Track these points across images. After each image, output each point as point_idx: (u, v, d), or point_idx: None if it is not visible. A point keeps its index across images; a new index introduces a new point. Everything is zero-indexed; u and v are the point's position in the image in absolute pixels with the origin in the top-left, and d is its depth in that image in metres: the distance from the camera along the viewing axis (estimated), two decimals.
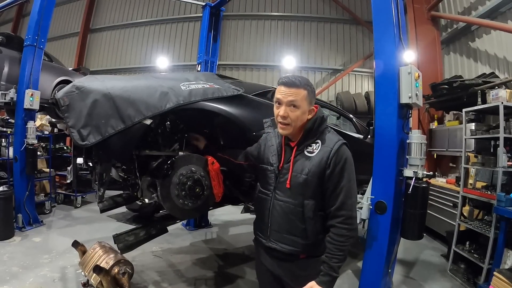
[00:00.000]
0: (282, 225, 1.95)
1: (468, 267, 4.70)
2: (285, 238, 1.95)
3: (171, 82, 3.20)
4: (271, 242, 2.00)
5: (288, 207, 1.93)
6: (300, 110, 1.89)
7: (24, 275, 4.25)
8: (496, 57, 7.29)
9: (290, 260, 1.99)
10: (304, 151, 1.94)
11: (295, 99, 1.87)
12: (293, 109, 1.88)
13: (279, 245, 1.97)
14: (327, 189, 1.88)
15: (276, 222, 1.98)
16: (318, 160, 1.87)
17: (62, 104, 2.75)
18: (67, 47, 16.27)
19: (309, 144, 1.95)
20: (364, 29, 13.46)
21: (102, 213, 4.15)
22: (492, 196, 4.37)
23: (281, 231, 1.96)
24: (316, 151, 1.91)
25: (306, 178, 1.88)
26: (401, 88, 3.17)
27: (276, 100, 1.94)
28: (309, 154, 1.92)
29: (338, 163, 1.85)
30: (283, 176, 1.95)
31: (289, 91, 1.88)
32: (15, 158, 6.18)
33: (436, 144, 7.96)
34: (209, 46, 7.33)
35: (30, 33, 6.27)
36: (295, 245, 1.94)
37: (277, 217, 1.97)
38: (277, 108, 1.93)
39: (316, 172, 1.86)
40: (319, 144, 1.93)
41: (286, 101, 1.88)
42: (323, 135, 1.96)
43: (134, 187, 3.54)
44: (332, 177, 1.85)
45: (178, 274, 4.64)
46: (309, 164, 1.89)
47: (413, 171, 3.11)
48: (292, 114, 1.88)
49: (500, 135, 4.30)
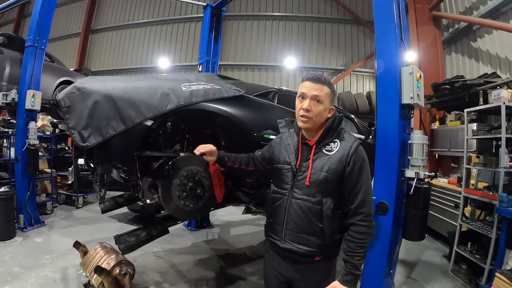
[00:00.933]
0: (299, 224, 1.93)
1: (469, 268, 4.68)
2: (302, 238, 1.93)
3: (172, 83, 3.20)
4: (286, 242, 1.97)
5: (306, 205, 1.92)
6: (323, 106, 1.95)
7: (26, 276, 4.25)
8: (498, 57, 7.27)
9: (305, 262, 1.97)
10: (322, 149, 1.97)
11: (320, 94, 1.93)
12: (317, 104, 1.93)
13: (294, 246, 1.94)
14: (346, 187, 1.91)
15: (292, 221, 1.95)
16: (338, 158, 1.90)
17: (63, 105, 2.76)
18: (69, 47, 16.30)
19: (327, 143, 1.98)
20: (365, 29, 13.44)
21: (103, 214, 4.16)
22: (494, 196, 4.35)
23: (297, 230, 1.94)
24: (335, 150, 1.94)
25: (326, 175, 1.89)
26: (402, 89, 3.16)
27: (300, 94, 1.98)
28: (328, 153, 1.94)
29: (357, 161, 1.90)
30: (302, 174, 1.95)
31: (314, 86, 1.94)
32: (16, 158, 6.18)
33: (437, 145, 7.93)
34: (210, 46, 7.32)
35: (31, 34, 6.28)
36: (312, 246, 1.92)
37: (294, 216, 1.95)
38: (300, 102, 1.97)
39: (336, 169, 1.89)
40: (337, 143, 1.97)
41: (311, 95, 1.93)
42: (340, 134, 2.01)
43: (135, 188, 3.54)
44: (352, 175, 1.89)
45: (179, 274, 4.64)
46: (329, 162, 1.91)
47: (414, 172, 3.10)
48: (315, 108, 1.93)
49: (502, 135, 4.28)
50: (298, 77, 13.65)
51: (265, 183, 3.57)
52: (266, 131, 3.36)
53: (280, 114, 3.71)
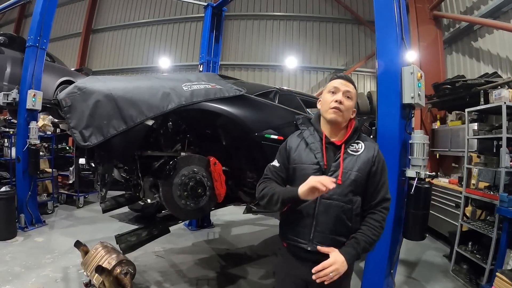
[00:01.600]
0: (330, 225, 1.91)
1: (470, 268, 4.67)
2: (330, 239, 1.91)
3: (173, 83, 3.20)
4: (314, 244, 1.92)
5: (338, 204, 1.91)
6: (352, 103, 2.01)
7: (26, 275, 4.25)
8: (499, 57, 7.27)
9: None
10: (348, 150, 1.99)
11: (351, 91, 2.01)
12: (347, 99, 1.99)
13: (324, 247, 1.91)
14: (371, 185, 1.96)
15: (323, 222, 1.92)
16: (366, 158, 1.96)
17: (64, 105, 2.76)
18: (70, 47, 16.32)
19: (352, 143, 2.01)
20: (366, 29, 13.42)
21: (104, 213, 4.17)
22: (494, 196, 4.35)
23: (327, 231, 1.92)
24: (361, 150, 1.99)
25: (357, 174, 1.92)
26: (403, 88, 3.17)
27: (332, 89, 2.02)
28: (354, 153, 1.98)
29: (380, 161, 1.99)
30: (332, 174, 1.92)
31: (346, 83, 2.01)
32: (17, 158, 6.18)
33: (438, 144, 7.93)
34: (211, 46, 7.32)
35: (32, 34, 6.28)
36: (340, 246, 1.90)
37: (325, 217, 1.92)
38: (332, 95, 2.00)
39: (365, 169, 1.94)
40: (361, 144, 2.02)
41: (344, 90, 1.99)
42: (361, 136, 2.07)
43: (136, 187, 3.55)
44: (376, 174, 1.96)
45: (180, 274, 4.63)
46: (358, 162, 1.95)
47: (415, 172, 3.10)
48: (346, 103, 1.98)
49: (503, 135, 4.27)
50: (298, 77, 13.66)
51: None
52: (267, 131, 3.37)
53: (281, 114, 3.72)
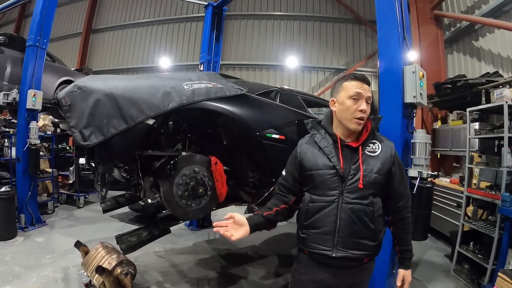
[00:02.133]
0: (353, 229, 1.87)
1: (472, 268, 4.66)
2: (355, 243, 1.88)
3: (173, 82, 3.19)
4: (339, 251, 1.87)
5: (360, 208, 1.86)
6: (370, 105, 1.94)
7: (27, 275, 4.25)
8: (500, 56, 7.25)
9: (354, 266, 1.94)
10: (365, 151, 1.93)
11: (371, 96, 1.93)
12: (368, 105, 1.91)
13: (349, 253, 1.87)
14: (393, 185, 1.95)
15: (346, 228, 1.86)
16: (384, 158, 1.92)
17: (64, 104, 2.75)
18: (70, 47, 16.29)
19: (368, 144, 1.96)
20: (367, 29, 13.40)
21: (104, 213, 4.15)
22: (496, 196, 4.34)
23: (351, 236, 1.87)
24: (378, 151, 1.94)
25: (377, 176, 1.88)
26: (405, 88, 3.15)
27: (355, 95, 1.89)
28: (372, 154, 1.93)
29: (398, 161, 1.98)
30: (353, 176, 1.87)
31: (366, 87, 1.92)
32: (17, 158, 6.18)
33: (439, 144, 7.92)
34: (212, 46, 7.32)
35: (32, 34, 6.27)
36: (365, 248, 1.90)
37: (349, 222, 1.86)
38: (355, 103, 1.89)
39: (384, 169, 1.91)
40: (377, 144, 1.97)
41: (366, 96, 1.90)
42: (376, 136, 2.02)
43: (137, 187, 3.54)
44: (396, 173, 1.95)
45: (181, 274, 4.63)
46: (377, 163, 1.91)
47: (417, 171, 3.09)
48: (368, 110, 1.92)
49: (505, 134, 4.26)
50: (299, 77, 13.64)
51: (267, 182, 3.56)
52: (268, 130, 3.35)
53: (282, 113, 3.71)
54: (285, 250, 5.81)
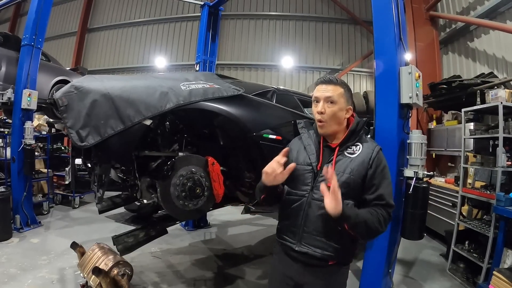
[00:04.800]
0: (318, 226, 1.88)
1: (467, 267, 4.70)
2: (318, 241, 1.88)
3: (171, 82, 3.19)
4: (302, 245, 1.91)
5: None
6: (337, 106, 1.92)
7: (23, 277, 4.22)
8: (495, 57, 7.30)
9: (318, 265, 1.92)
10: (344, 152, 1.94)
11: (332, 95, 1.91)
12: (330, 105, 1.92)
13: (311, 249, 1.89)
14: (370, 187, 1.87)
15: (311, 224, 1.90)
16: (361, 161, 1.89)
17: (60, 104, 2.73)
18: (65, 46, 16.21)
19: (350, 146, 1.96)
20: (362, 29, 13.46)
21: (100, 214, 4.14)
22: (491, 195, 4.37)
23: (315, 233, 1.89)
24: (358, 152, 1.92)
25: (348, 177, 1.86)
26: (401, 88, 3.17)
27: (314, 98, 1.97)
28: (350, 155, 1.92)
29: (379, 165, 1.89)
30: (324, 175, 1.87)
31: (326, 87, 1.93)
32: (12, 158, 6.14)
33: (434, 144, 7.97)
34: (208, 45, 7.32)
35: (28, 33, 6.24)
36: (328, 249, 1.88)
37: (313, 218, 1.89)
38: (315, 106, 1.97)
39: (359, 171, 1.87)
40: (359, 146, 1.95)
41: (324, 97, 1.92)
42: (362, 138, 1.99)
43: (134, 188, 3.53)
44: (374, 176, 1.87)
45: (177, 275, 4.62)
46: (352, 164, 1.89)
47: (413, 171, 3.11)
48: (328, 110, 1.91)
49: (500, 134, 4.30)
50: (295, 77, 13.65)
51: None
52: (265, 131, 3.36)
53: (279, 113, 3.71)
54: None
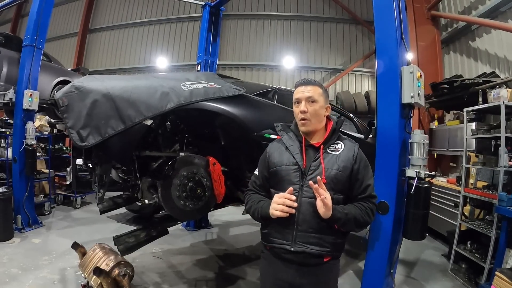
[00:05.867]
0: (312, 223, 1.89)
1: (469, 267, 4.68)
2: (314, 238, 1.90)
3: (172, 82, 3.18)
4: (297, 245, 1.90)
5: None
6: (318, 104, 2.01)
7: (24, 277, 4.23)
8: (497, 57, 7.28)
9: (315, 264, 1.94)
10: (327, 150, 2.02)
11: (313, 95, 2.01)
12: (312, 104, 2.00)
13: (308, 248, 1.89)
14: (357, 180, 1.98)
15: (305, 222, 1.90)
16: (346, 156, 1.99)
17: (61, 104, 2.73)
18: (66, 47, 16.22)
19: (331, 144, 2.04)
20: (363, 29, 13.42)
21: (101, 214, 4.14)
22: (493, 195, 4.35)
23: (310, 231, 1.90)
24: (341, 150, 2.02)
25: (337, 172, 1.94)
26: (403, 88, 3.16)
27: (295, 100, 2.06)
28: (334, 153, 2.01)
29: (362, 160, 2.02)
30: (313, 172, 1.94)
31: (305, 88, 2.03)
32: (14, 159, 6.16)
33: (436, 144, 7.94)
34: (209, 45, 7.32)
35: (29, 33, 6.25)
36: (324, 245, 1.91)
37: (307, 216, 1.90)
38: (297, 107, 2.05)
39: (345, 166, 1.96)
40: (341, 144, 2.05)
41: (305, 97, 2.01)
42: (340, 136, 2.11)
43: (135, 188, 3.52)
44: (359, 171, 1.99)
45: (178, 275, 4.62)
46: (338, 160, 1.97)
47: (415, 171, 3.09)
48: (311, 108, 2.00)
49: (502, 134, 4.27)
50: (296, 77, 13.59)
51: None
52: (266, 131, 3.35)
53: (280, 113, 3.70)
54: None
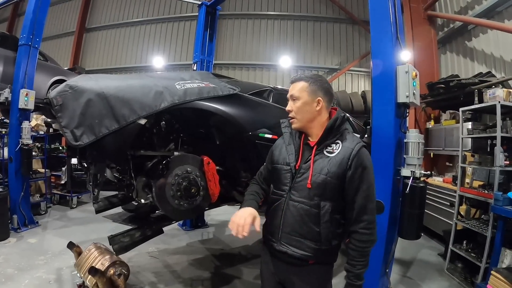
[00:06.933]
0: (295, 227, 1.87)
1: (465, 266, 4.69)
2: (297, 241, 1.87)
3: (166, 81, 3.17)
4: (281, 245, 1.92)
5: (303, 207, 1.84)
6: (300, 101, 1.92)
7: (20, 277, 4.21)
8: (493, 56, 7.30)
9: (299, 264, 1.91)
10: (323, 151, 1.88)
11: (293, 92, 1.95)
12: (294, 102, 1.94)
13: (290, 249, 1.88)
14: (348, 192, 1.82)
15: (289, 224, 1.89)
16: (339, 161, 1.82)
17: (55, 103, 2.72)
18: (63, 46, 16.19)
19: (329, 144, 1.89)
20: (360, 29, 13.45)
21: (97, 214, 4.13)
22: (489, 195, 4.36)
23: (293, 234, 1.88)
24: (337, 151, 1.85)
25: (325, 178, 1.81)
26: (398, 87, 3.16)
27: (287, 99, 2.03)
28: (329, 155, 1.86)
29: (359, 166, 1.80)
30: (301, 175, 1.88)
31: (292, 86, 1.98)
32: (10, 158, 6.12)
33: (432, 143, 7.97)
34: (205, 45, 7.30)
35: (25, 32, 6.22)
36: (306, 250, 1.86)
37: (291, 219, 1.88)
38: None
39: (336, 172, 1.80)
40: (339, 144, 1.87)
41: (289, 95, 1.98)
42: (343, 136, 1.91)
43: (129, 187, 3.51)
44: (354, 179, 1.80)
45: (174, 274, 4.61)
46: (329, 164, 1.83)
47: (410, 171, 3.10)
48: (294, 106, 1.94)
49: (497, 134, 4.28)
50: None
51: None
52: (261, 130, 3.34)
53: (275, 113, 3.69)
54: None
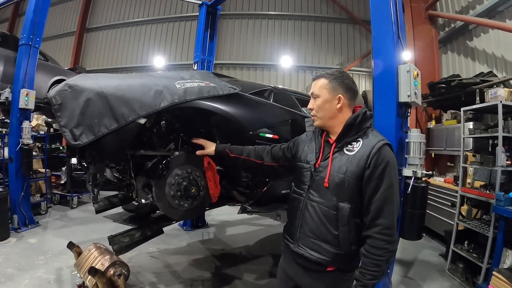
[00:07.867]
0: (313, 228, 1.81)
1: (467, 267, 4.68)
2: (315, 244, 1.80)
3: (166, 81, 3.15)
4: (299, 247, 1.87)
5: (321, 208, 1.79)
6: (320, 99, 1.90)
7: (20, 277, 4.20)
8: (494, 56, 7.28)
9: (316, 270, 1.84)
10: (343, 149, 1.81)
11: (314, 90, 1.93)
12: (315, 100, 1.92)
13: (307, 252, 1.83)
14: (366, 192, 1.72)
15: (307, 225, 1.84)
16: (358, 159, 1.73)
17: (54, 103, 2.70)
18: (63, 46, 16.20)
19: (350, 142, 1.81)
20: (361, 29, 13.44)
21: (97, 214, 4.12)
22: (490, 195, 4.35)
23: (311, 235, 1.82)
24: (357, 149, 1.76)
25: (343, 177, 1.73)
26: (399, 87, 3.15)
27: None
28: (349, 153, 1.78)
29: (379, 164, 1.69)
30: (319, 174, 1.82)
31: (312, 84, 1.96)
32: (10, 158, 6.12)
33: (434, 143, 7.95)
34: (206, 45, 7.30)
35: (26, 32, 6.22)
36: (324, 253, 1.78)
37: (309, 220, 1.83)
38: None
39: (354, 171, 1.72)
40: (360, 142, 1.78)
41: (311, 94, 1.96)
42: (365, 134, 1.82)
43: (129, 187, 3.49)
44: (372, 179, 1.69)
45: (175, 275, 4.60)
46: (347, 163, 1.75)
47: (412, 171, 3.08)
48: (315, 105, 1.92)
49: (499, 134, 4.27)
50: (294, 76, 13.65)
51: (260, 182, 3.54)
52: (261, 130, 3.33)
53: (276, 113, 3.68)
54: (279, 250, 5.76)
